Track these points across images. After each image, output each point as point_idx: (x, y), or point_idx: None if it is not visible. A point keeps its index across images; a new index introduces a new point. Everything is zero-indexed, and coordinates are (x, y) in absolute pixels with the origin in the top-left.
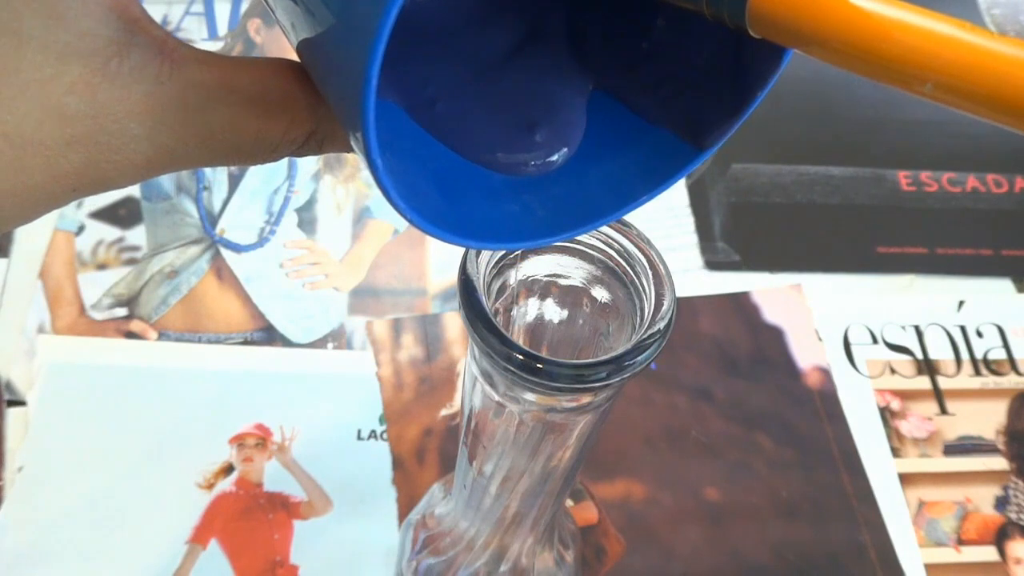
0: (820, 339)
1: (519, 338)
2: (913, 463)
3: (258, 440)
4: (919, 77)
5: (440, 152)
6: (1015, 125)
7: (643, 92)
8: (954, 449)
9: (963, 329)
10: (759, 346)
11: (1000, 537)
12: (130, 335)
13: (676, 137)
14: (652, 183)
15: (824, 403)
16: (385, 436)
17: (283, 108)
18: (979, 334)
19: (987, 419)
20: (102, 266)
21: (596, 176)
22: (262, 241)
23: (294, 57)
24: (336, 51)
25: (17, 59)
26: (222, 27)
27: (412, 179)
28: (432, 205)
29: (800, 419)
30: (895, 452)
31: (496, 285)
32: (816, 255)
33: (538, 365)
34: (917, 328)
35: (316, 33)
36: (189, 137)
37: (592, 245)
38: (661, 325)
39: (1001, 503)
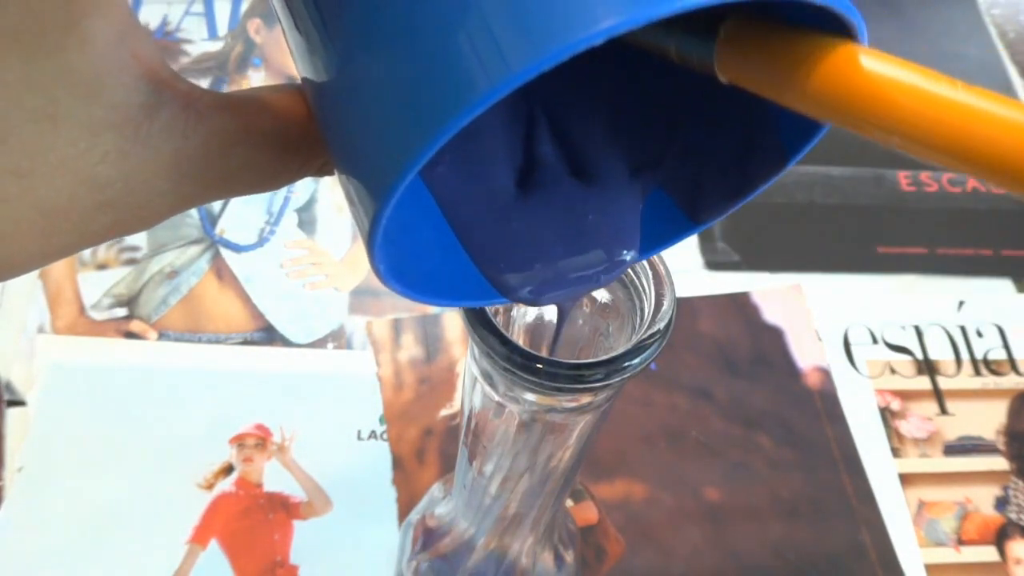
0: (820, 339)
1: (519, 338)
2: (913, 463)
3: (258, 440)
4: (887, 130)
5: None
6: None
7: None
8: (954, 449)
9: (963, 329)
10: (759, 346)
11: (1000, 537)
12: (130, 335)
13: (675, 205)
14: (646, 245)
15: (824, 403)
16: (385, 436)
17: (301, 143)
18: (979, 334)
19: (987, 419)
20: (102, 266)
21: None
22: (262, 241)
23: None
24: (354, 170)
25: (52, 140)
26: (222, 27)
27: (410, 236)
28: (428, 258)
29: (800, 419)
30: (895, 452)
31: None
32: (816, 255)
33: (538, 365)
34: (917, 328)
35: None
36: (210, 182)
37: None
38: (661, 325)
39: (1001, 503)
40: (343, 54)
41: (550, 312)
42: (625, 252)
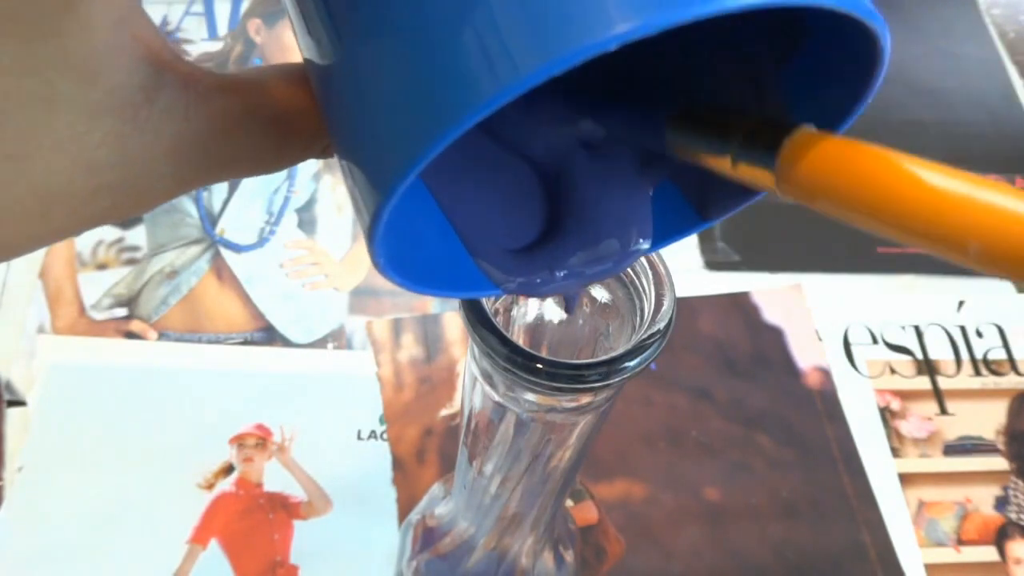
0: (820, 339)
1: (519, 338)
2: (913, 463)
3: (258, 440)
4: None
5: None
6: None
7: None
8: (954, 449)
9: (963, 329)
10: (759, 346)
11: (1000, 537)
12: (130, 335)
13: (683, 198)
14: (654, 238)
15: (824, 403)
16: (385, 436)
17: (303, 125)
18: (979, 334)
19: (987, 419)
20: (102, 266)
21: None
22: (262, 241)
23: (296, 56)
24: (357, 160)
25: (49, 123)
26: (222, 27)
27: (406, 225)
28: (424, 248)
29: (800, 419)
30: (895, 452)
31: None
32: (816, 255)
33: (538, 365)
34: (917, 328)
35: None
36: (211, 165)
37: None
38: (661, 325)
39: (1001, 503)
40: (351, 47)
41: (550, 312)
42: (640, 241)
